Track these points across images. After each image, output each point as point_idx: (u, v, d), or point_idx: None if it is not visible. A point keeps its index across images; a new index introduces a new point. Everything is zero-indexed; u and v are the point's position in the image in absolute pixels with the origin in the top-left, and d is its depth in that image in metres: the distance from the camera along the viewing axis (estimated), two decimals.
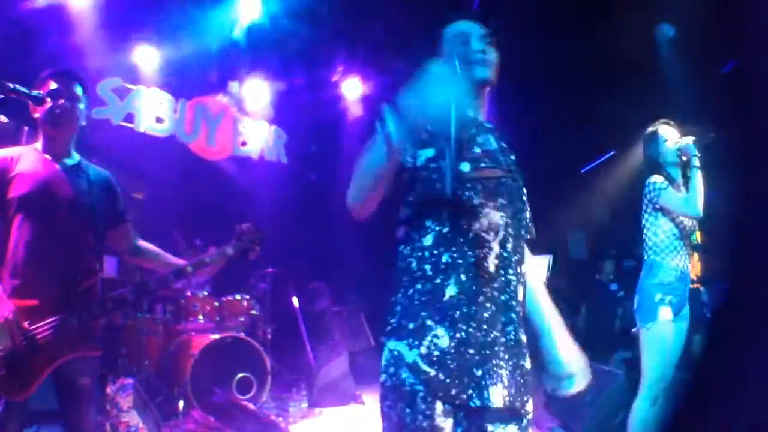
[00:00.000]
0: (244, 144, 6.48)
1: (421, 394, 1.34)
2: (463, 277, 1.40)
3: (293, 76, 6.29)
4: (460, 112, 1.41)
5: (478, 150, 1.49)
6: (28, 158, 2.14)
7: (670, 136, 3.06)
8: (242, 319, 4.79)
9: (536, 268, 1.71)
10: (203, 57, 5.71)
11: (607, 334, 6.63)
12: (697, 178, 2.81)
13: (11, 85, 1.89)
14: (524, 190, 1.60)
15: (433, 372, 1.34)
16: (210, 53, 5.68)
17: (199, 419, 3.77)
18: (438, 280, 1.41)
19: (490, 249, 1.43)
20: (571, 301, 6.51)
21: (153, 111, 5.71)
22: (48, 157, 2.16)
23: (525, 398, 1.43)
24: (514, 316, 1.45)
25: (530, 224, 1.64)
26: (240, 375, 4.31)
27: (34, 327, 1.95)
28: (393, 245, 1.55)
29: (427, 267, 1.43)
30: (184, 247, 4.64)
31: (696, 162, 2.84)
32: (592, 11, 5.06)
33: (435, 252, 1.43)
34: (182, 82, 5.89)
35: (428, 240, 1.44)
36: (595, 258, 7.05)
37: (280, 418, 4.15)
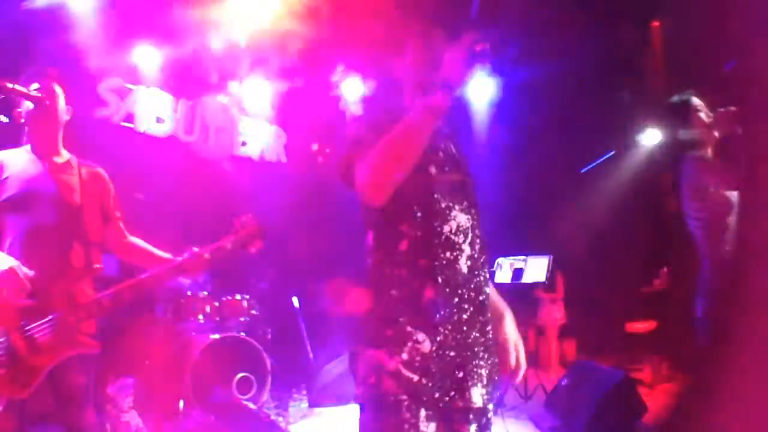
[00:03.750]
0: (244, 144, 6.48)
1: (405, 403, 1.33)
2: (439, 279, 1.40)
3: (293, 76, 6.29)
4: None
5: (442, 154, 1.52)
6: (17, 160, 2.15)
7: (703, 108, 2.65)
8: (242, 319, 4.79)
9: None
10: (203, 57, 5.71)
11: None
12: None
13: (11, 85, 1.89)
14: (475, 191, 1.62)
15: (416, 378, 1.33)
16: (210, 53, 5.68)
17: (199, 419, 3.77)
18: (415, 285, 1.40)
19: (461, 251, 1.44)
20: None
21: (153, 111, 5.71)
22: (36, 157, 2.17)
23: (494, 394, 1.48)
24: (489, 315, 1.50)
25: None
26: (240, 375, 4.31)
27: (32, 326, 1.95)
28: (362, 251, 1.55)
29: (403, 272, 1.41)
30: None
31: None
32: (592, 11, 5.06)
33: (411, 256, 1.42)
34: (182, 82, 5.89)
35: (404, 244, 1.43)
36: (595, 258, 7.05)
37: (280, 418, 4.15)
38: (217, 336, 4.32)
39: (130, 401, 3.49)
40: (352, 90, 6.71)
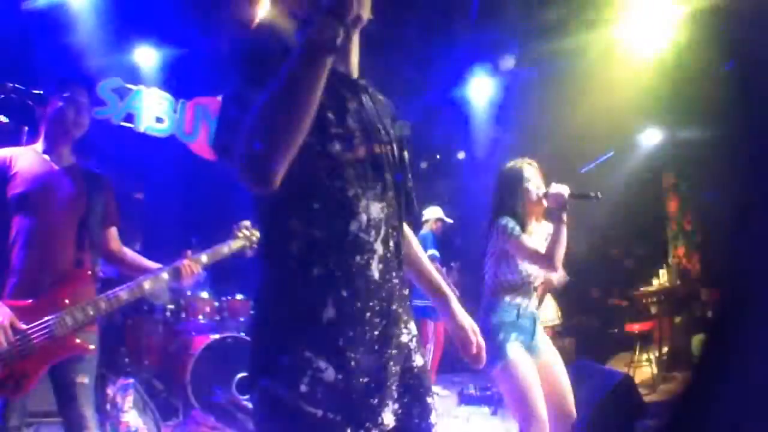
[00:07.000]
0: None
1: None
2: (343, 292, 1.10)
3: None
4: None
5: (351, 122, 1.14)
6: (26, 158, 2.15)
7: (535, 179, 2.73)
8: (242, 319, 4.80)
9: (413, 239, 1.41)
10: (203, 57, 5.71)
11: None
12: (562, 232, 2.53)
13: (11, 85, 1.90)
14: (406, 155, 1.26)
15: (320, 413, 1.06)
16: (210, 53, 5.68)
17: (199, 419, 3.77)
18: (312, 301, 1.10)
19: (373, 252, 1.13)
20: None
21: (153, 111, 5.71)
22: (46, 157, 2.18)
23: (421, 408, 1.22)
24: (405, 320, 1.22)
25: (413, 202, 1.30)
26: (240, 375, 4.31)
27: (30, 326, 1.95)
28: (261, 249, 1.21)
29: (297, 283, 1.11)
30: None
31: (564, 216, 2.56)
32: (591, 11, 5.06)
33: (304, 263, 1.10)
34: (182, 82, 5.90)
35: (295, 247, 1.11)
36: (594, 258, 7.06)
37: None
38: (217, 336, 4.32)
39: (130, 401, 3.48)
40: None
